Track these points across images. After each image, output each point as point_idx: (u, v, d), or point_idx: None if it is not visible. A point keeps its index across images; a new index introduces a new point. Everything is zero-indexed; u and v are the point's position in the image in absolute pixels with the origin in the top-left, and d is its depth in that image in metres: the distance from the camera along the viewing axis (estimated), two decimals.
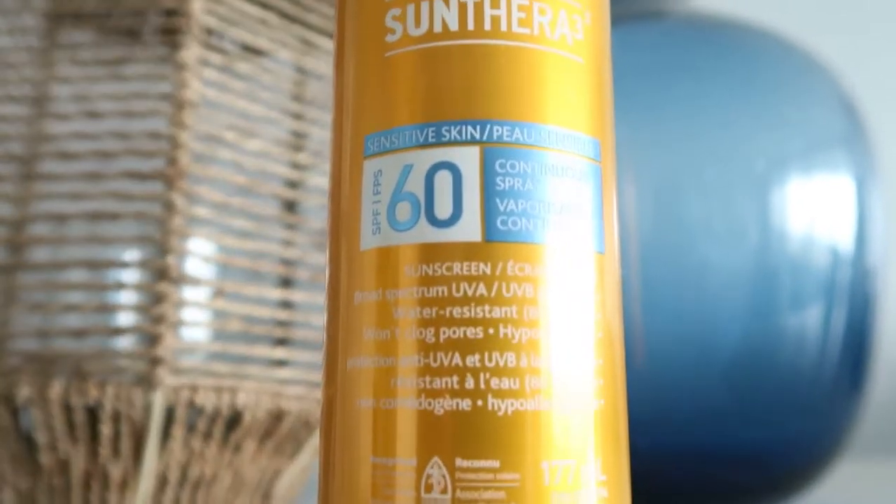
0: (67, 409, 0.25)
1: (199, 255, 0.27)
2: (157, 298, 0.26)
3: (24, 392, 0.24)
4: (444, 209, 0.13)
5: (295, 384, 0.29)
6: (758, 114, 0.33)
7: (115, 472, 0.26)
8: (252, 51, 0.30)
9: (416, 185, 0.13)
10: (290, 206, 0.31)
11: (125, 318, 0.27)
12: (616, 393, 0.13)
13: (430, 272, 0.13)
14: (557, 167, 0.13)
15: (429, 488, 0.12)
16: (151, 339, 0.25)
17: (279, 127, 0.31)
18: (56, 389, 0.24)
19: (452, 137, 0.13)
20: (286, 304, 0.30)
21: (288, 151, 0.31)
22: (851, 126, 0.34)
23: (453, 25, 0.14)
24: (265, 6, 0.30)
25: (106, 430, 0.25)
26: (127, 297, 0.26)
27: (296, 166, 0.31)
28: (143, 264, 0.26)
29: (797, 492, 0.32)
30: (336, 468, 0.13)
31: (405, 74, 0.14)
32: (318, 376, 0.30)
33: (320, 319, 0.30)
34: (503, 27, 0.14)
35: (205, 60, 0.28)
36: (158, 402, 0.25)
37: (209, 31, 0.28)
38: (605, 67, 0.15)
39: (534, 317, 0.13)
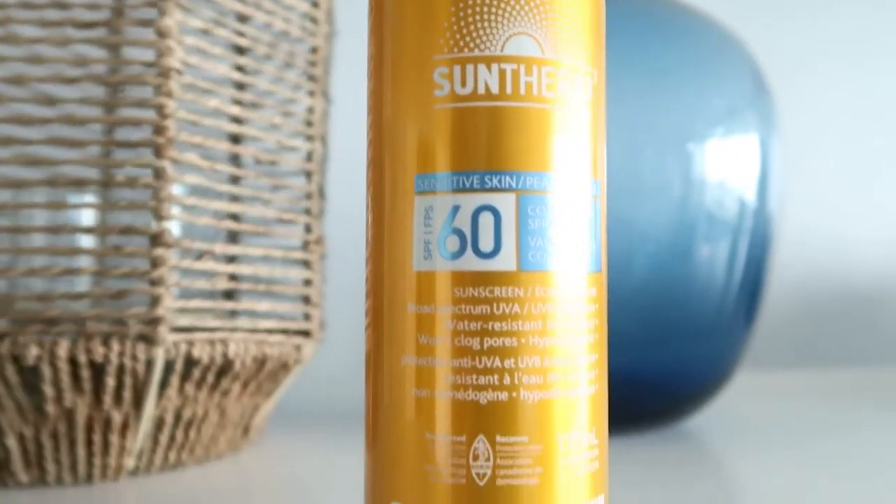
0: (73, 365, 0.27)
1: (187, 221, 0.28)
2: (154, 263, 0.27)
3: (33, 352, 0.26)
4: (487, 244, 0.16)
5: (276, 333, 0.32)
6: (680, 81, 0.37)
7: (117, 417, 0.28)
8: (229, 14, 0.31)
9: (463, 223, 0.16)
10: (270, 167, 0.32)
11: (124, 282, 0.28)
12: (603, 380, 0.18)
13: (476, 294, 0.16)
14: (570, 208, 0.17)
15: (476, 458, 0.16)
16: (151, 301, 0.27)
17: (256, 90, 0.32)
18: (64, 347, 0.26)
19: (494, 185, 0.16)
20: (268, 261, 0.32)
21: (265, 114, 0.32)
22: (758, 90, 0.39)
23: (494, 89, 0.17)
24: None
25: (111, 382, 0.27)
26: (126, 262, 0.28)
27: (273, 128, 0.32)
28: (137, 230, 0.28)
29: (698, 405, 0.39)
30: (383, 442, 0.17)
31: (453, 127, 0.17)
32: (294, 324, 0.33)
33: (297, 273, 0.33)
34: (535, 91, 0.17)
35: (185, 26, 0.29)
36: (160, 357, 0.27)
37: None
38: (602, 113, 0.18)
39: (551, 328, 0.17)
